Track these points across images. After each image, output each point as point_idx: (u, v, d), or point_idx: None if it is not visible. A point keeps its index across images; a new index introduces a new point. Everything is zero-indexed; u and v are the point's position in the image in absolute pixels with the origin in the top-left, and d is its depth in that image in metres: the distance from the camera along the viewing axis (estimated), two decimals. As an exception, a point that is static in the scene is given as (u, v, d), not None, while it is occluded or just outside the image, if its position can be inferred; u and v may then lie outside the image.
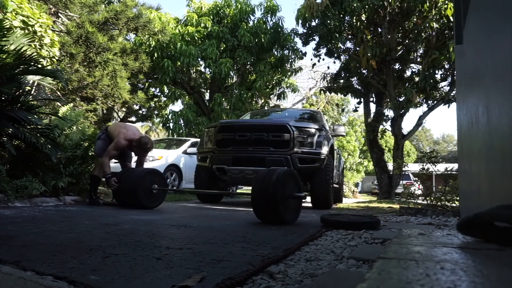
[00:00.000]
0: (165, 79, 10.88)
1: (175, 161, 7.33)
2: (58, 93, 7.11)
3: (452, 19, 7.09)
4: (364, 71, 10.61)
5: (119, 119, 14.22)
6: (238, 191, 9.71)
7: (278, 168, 2.93)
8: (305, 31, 11.21)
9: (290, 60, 12.50)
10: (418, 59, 10.61)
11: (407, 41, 10.40)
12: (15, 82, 3.58)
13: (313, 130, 4.90)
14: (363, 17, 10.05)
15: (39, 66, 3.84)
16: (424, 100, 11.03)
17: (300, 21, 10.24)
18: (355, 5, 8.88)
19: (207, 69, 12.32)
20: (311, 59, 12.39)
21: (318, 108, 20.23)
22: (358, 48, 10.32)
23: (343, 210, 5.16)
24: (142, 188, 3.70)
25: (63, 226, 2.17)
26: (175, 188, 7.32)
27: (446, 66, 9.91)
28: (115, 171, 4.13)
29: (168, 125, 11.64)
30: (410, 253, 0.97)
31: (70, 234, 1.89)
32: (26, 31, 4.96)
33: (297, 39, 12.18)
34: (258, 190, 2.72)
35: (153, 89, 13.03)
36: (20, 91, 3.78)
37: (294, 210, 2.91)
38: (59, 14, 7.77)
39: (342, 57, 11.45)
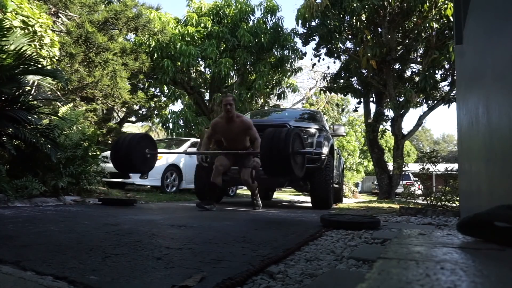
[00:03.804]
0: (165, 79, 10.87)
1: (175, 161, 7.33)
2: (58, 93, 7.11)
3: (452, 19, 7.09)
4: (364, 71, 10.59)
5: (119, 119, 14.23)
6: (238, 191, 9.71)
7: (283, 128, 3.05)
8: (305, 31, 11.19)
9: (290, 60, 12.47)
10: (418, 59, 10.59)
11: (407, 41, 10.39)
12: (15, 82, 3.58)
13: (313, 130, 4.89)
14: (363, 17, 10.04)
15: (39, 66, 3.84)
16: (424, 100, 11.02)
17: (300, 21, 10.22)
18: (355, 5, 8.86)
19: (207, 69, 12.30)
20: (311, 59, 12.38)
21: (318, 108, 20.21)
22: (358, 48, 10.31)
23: (343, 210, 5.16)
24: (137, 153, 3.61)
25: (63, 226, 2.17)
26: (175, 188, 7.32)
27: (446, 66, 9.90)
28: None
29: (167, 125, 11.64)
30: (410, 253, 0.97)
31: (70, 234, 1.89)
32: (26, 31, 4.96)
33: (297, 39, 12.17)
34: (269, 146, 2.83)
35: (153, 89, 13.02)
36: (20, 91, 3.78)
37: (301, 166, 3.08)
38: (59, 14, 7.77)
39: (342, 57, 11.43)
